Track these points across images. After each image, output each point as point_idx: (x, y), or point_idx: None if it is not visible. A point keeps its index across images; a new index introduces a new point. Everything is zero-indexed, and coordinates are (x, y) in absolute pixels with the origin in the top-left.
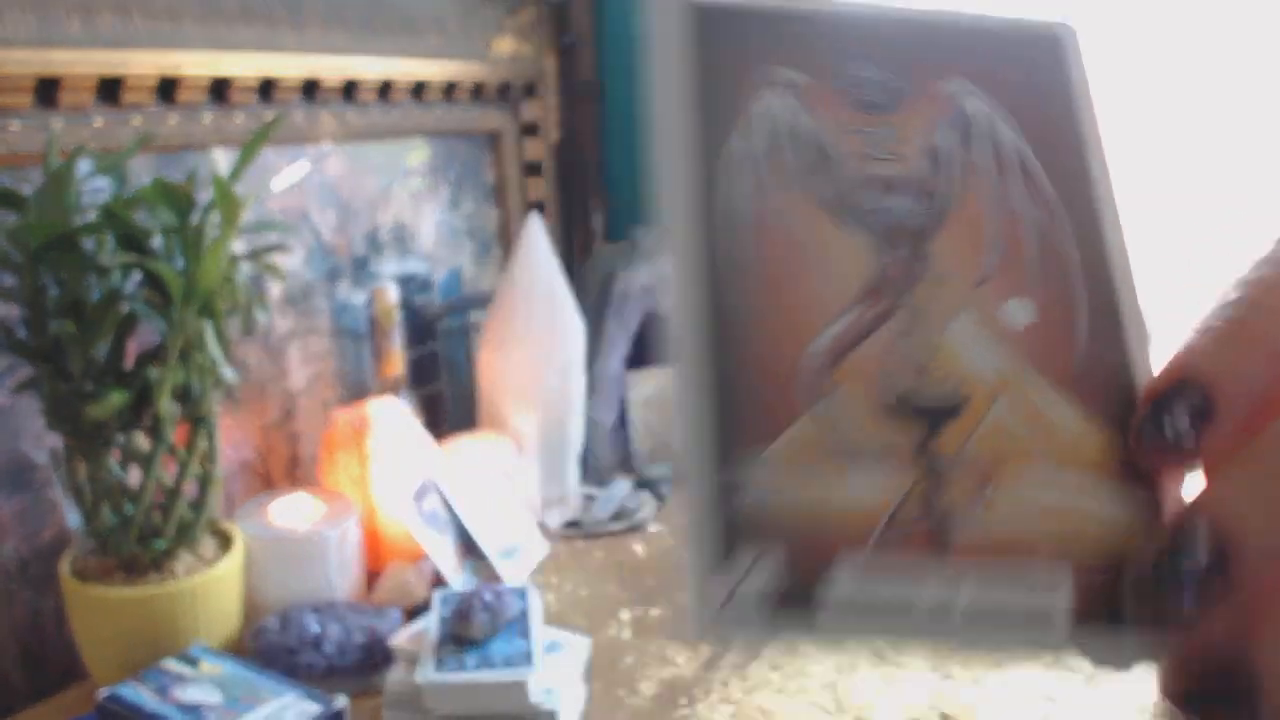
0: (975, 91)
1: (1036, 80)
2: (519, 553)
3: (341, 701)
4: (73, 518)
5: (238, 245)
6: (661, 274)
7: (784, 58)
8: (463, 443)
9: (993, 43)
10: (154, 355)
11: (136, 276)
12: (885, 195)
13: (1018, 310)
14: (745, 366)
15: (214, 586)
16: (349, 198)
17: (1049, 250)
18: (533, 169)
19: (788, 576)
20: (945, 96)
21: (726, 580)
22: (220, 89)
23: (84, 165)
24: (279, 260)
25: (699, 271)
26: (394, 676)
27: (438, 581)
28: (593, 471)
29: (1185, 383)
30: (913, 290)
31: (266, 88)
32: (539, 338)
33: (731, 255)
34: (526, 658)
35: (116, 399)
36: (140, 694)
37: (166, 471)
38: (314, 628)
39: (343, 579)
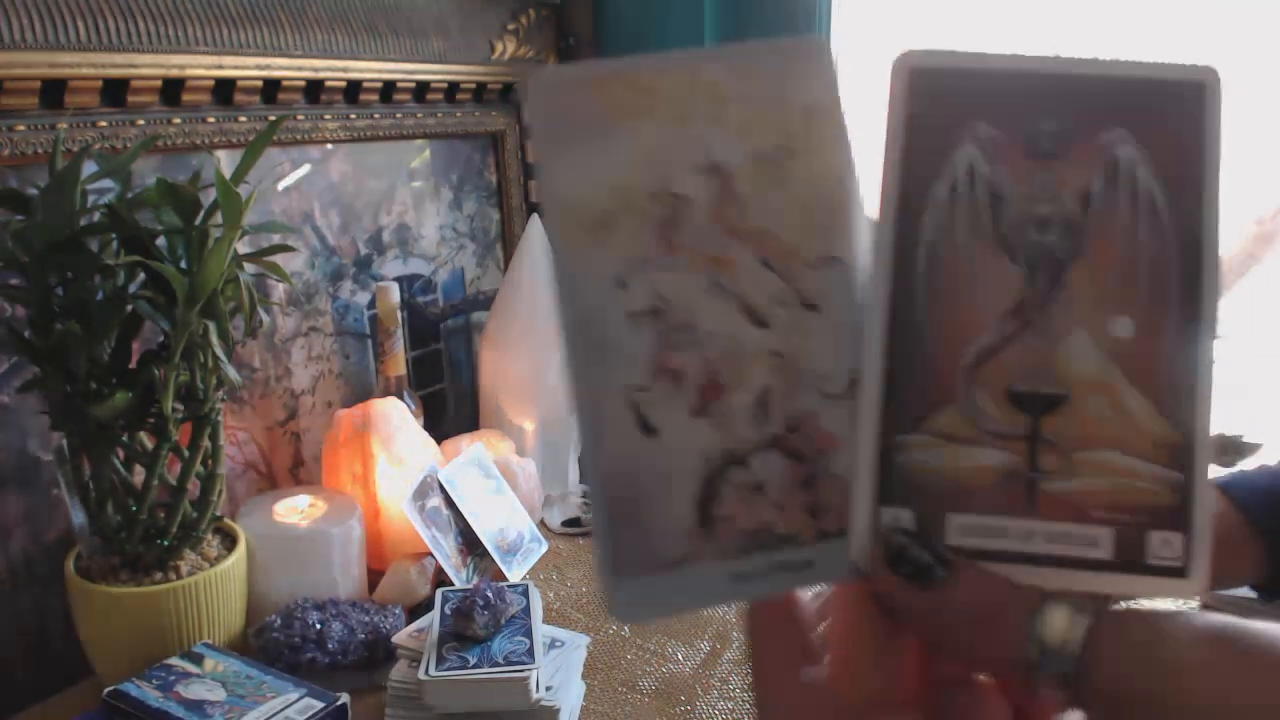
0: (1128, 139)
1: (1179, 124)
2: (520, 551)
3: (344, 698)
4: (77, 516)
5: (241, 246)
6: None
7: (981, 112)
8: (465, 442)
9: (1147, 91)
10: (158, 355)
11: (141, 277)
12: (1040, 232)
13: (1122, 326)
14: (916, 362)
15: (217, 584)
16: (352, 199)
17: (1156, 277)
18: (534, 170)
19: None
20: (1103, 144)
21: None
22: (224, 91)
23: (89, 166)
24: (282, 263)
25: (893, 289)
26: (396, 673)
27: (440, 579)
28: None
29: None
30: (1047, 310)
31: (270, 90)
32: (540, 338)
33: (917, 279)
34: (528, 655)
35: (120, 399)
36: (145, 691)
37: (170, 471)
38: (317, 625)
39: (345, 577)
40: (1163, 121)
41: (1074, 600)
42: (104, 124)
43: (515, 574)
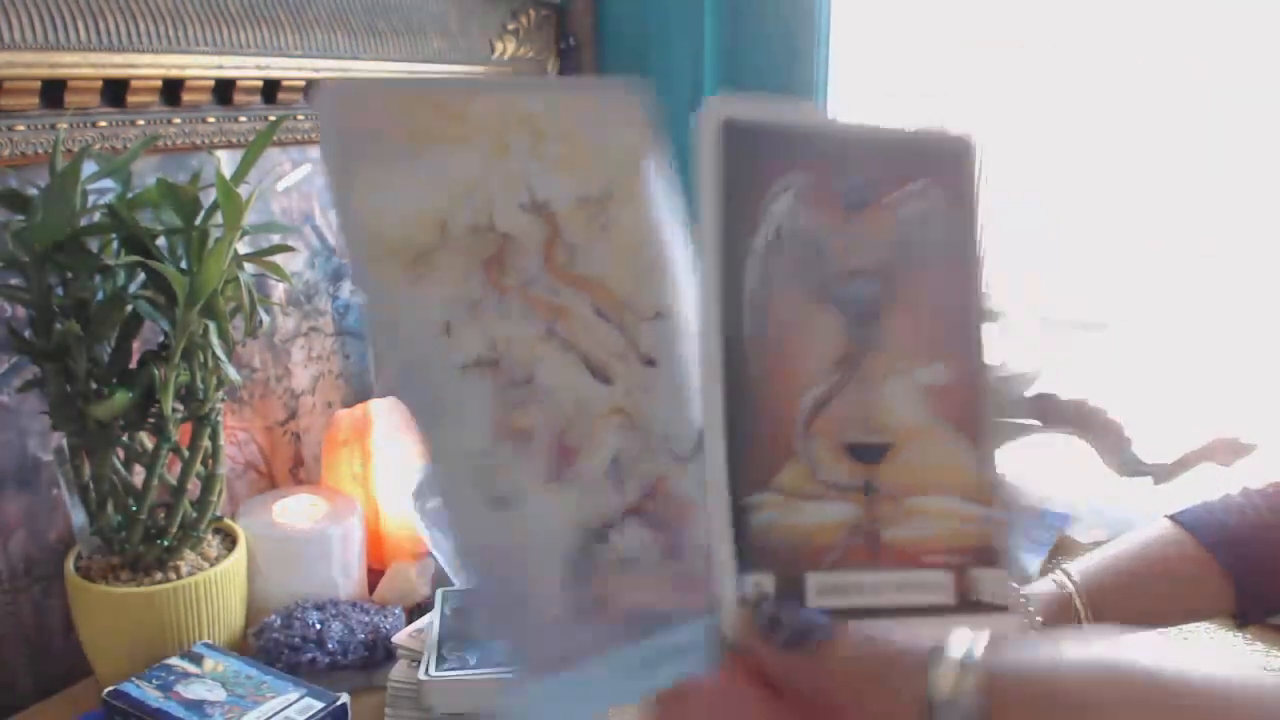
0: (927, 192)
1: (962, 176)
2: None
3: (344, 698)
4: (77, 516)
5: (241, 246)
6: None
7: (797, 164)
8: None
9: (939, 150)
10: (158, 355)
11: (141, 277)
12: (856, 282)
13: (934, 373)
14: (755, 418)
15: (217, 584)
16: None
17: (962, 321)
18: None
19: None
20: (908, 196)
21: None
22: (224, 91)
23: (89, 167)
24: (282, 261)
25: (724, 343)
26: (396, 674)
27: (440, 579)
28: None
29: None
30: (869, 359)
31: (270, 90)
32: None
33: (746, 332)
34: None
35: (121, 399)
36: (144, 691)
37: (170, 471)
38: (317, 625)
39: (345, 577)
40: (950, 174)
41: (960, 650)
42: (104, 124)
43: None
